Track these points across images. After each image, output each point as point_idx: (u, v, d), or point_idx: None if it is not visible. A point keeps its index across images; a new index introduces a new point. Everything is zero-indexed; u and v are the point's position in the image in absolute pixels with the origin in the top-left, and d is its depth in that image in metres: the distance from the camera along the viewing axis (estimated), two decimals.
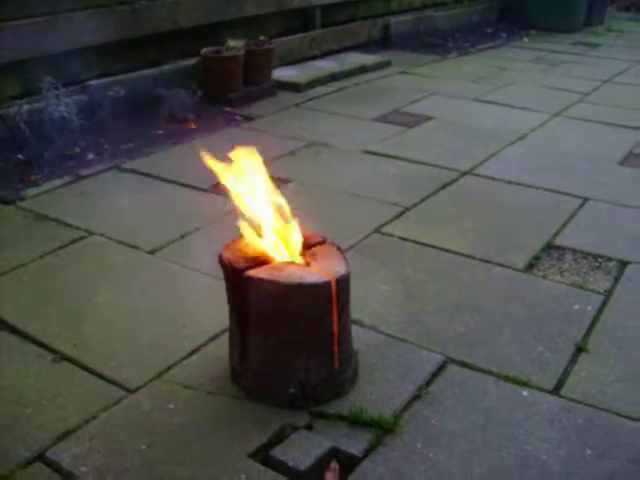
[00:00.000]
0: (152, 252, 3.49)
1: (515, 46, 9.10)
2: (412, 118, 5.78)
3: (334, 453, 2.26)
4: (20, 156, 4.63)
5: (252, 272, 2.30)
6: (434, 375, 2.62)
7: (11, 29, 4.75)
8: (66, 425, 2.35)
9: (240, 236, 2.48)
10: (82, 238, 3.62)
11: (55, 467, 2.18)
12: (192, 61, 6.01)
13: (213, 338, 2.80)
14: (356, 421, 2.36)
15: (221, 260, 2.39)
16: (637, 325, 2.98)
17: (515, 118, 5.88)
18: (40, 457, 2.22)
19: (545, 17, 9.87)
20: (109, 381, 2.57)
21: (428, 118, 5.79)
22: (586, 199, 4.21)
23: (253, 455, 2.23)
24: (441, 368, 2.67)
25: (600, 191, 4.33)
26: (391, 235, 3.70)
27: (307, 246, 2.48)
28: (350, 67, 7.17)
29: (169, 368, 2.63)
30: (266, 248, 2.43)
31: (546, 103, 6.31)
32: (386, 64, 7.57)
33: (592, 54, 8.69)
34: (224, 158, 2.44)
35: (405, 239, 3.66)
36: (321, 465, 2.21)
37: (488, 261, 3.46)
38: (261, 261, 2.38)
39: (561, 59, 8.30)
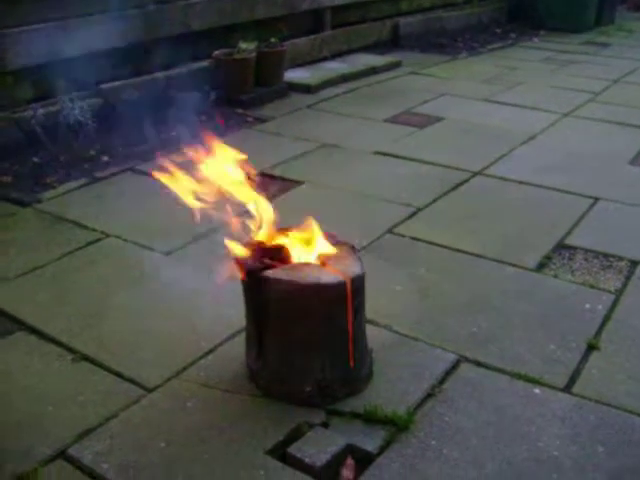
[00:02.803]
0: (168, 254, 3.54)
1: (525, 46, 9.11)
2: (423, 119, 5.82)
3: (349, 450, 2.30)
4: (36, 159, 4.69)
5: (269, 272, 2.34)
6: (447, 373, 2.66)
7: (25, 34, 4.80)
8: (87, 423, 2.40)
9: (256, 237, 2.53)
10: (99, 240, 3.67)
11: (77, 464, 2.23)
12: (204, 64, 6.06)
13: (230, 338, 2.84)
14: (371, 418, 2.40)
15: (238, 261, 2.44)
16: None
17: (525, 118, 5.90)
18: (62, 454, 2.27)
19: (555, 17, 9.88)
20: (128, 380, 2.61)
21: (439, 119, 5.82)
22: (597, 199, 4.23)
23: (270, 452, 2.27)
24: (454, 367, 2.70)
25: (611, 191, 4.36)
26: (403, 235, 3.74)
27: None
28: (360, 68, 7.21)
29: (186, 367, 2.68)
30: (282, 249, 2.47)
31: (556, 103, 6.33)
32: (396, 65, 7.60)
33: (602, 54, 8.69)
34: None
35: (417, 239, 3.69)
36: (337, 462, 2.25)
37: (500, 261, 3.49)
38: (278, 262, 2.42)
39: (571, 59, 8.31)
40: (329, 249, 2.49)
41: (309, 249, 2.49)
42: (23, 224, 3.88)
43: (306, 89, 6.49)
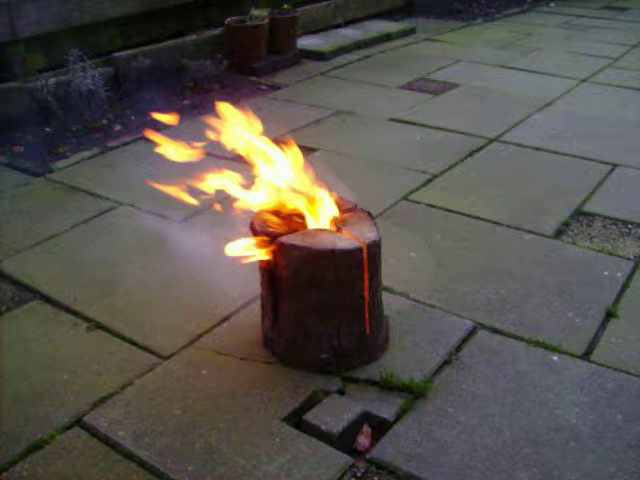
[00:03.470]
0: (181, 222, 3.52)
1: (542, 11, 8.97)
2: (438, 85, 5.75)
3: (366, 417, 2.29)
4: (48, 129, 4.67)
5: (284, 239, 2.32)
6: (464, 340, 2.64)
7: (35, 2, 4.75)
8: (102, 391, 2.40)
9: (271, 204, 2.50)
10: (112, 209, 3.66)
11: (93, 432, 2.23)
12: (217, 31, 6.00)
13: (244, 305, 2.83)
14: (387, 386, 2.39)
15: (253, 227, 2.41)
16: None
17: (542, 84, 5.81)
18: (78, 422, 2.27)
19: None
20: (143, 348, 2.61)
21: (454, 85, 5.74)
22: (615, 165, 4.17)
23: (286, 419, 2.27)
24: (471, 334, 2.68)
25: (629, 157, 4.29)
26: (419, 202, 3.70)
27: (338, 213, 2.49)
28: (375, 35, 7.13)
29: (202, 335, 2.67)
30: (297, 215, 2.44)
31: (573, 69, 6.24)
32: (411, 31, 7.51)
33: (621, 18, 8.54)
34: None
35: (433, 206, 3.66)
36: (353, 429, 2.24)
37: (517, 227, 3.45)
38: (292, 228, 2.39)
39: (589, 24, 8.17)
40: (344, 214, 2.46)
41: (324, 215, 2.46)
42: (36, 194, 3.86)
43: (320, 56, 6.42)
